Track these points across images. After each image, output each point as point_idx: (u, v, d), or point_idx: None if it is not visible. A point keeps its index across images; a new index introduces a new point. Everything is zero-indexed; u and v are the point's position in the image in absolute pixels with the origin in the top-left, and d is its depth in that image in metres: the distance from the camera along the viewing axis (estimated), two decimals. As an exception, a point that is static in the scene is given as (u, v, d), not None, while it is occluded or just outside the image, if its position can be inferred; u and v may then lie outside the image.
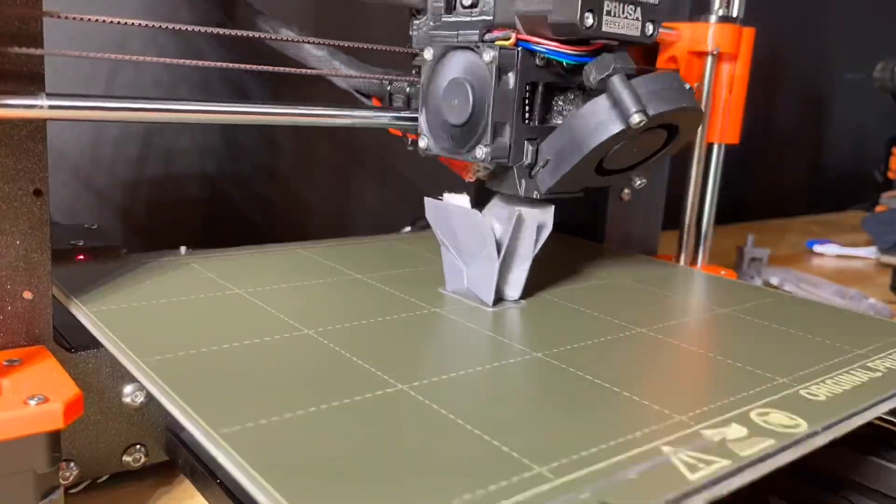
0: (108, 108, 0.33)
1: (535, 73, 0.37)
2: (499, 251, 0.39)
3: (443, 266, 0.42)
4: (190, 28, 0.35)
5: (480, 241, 0.39)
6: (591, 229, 0.60)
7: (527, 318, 0.39)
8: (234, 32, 0.36)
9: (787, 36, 1.16)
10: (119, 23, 0.32)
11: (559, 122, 0.39)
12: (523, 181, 0.38)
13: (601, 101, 0.35)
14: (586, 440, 0.25)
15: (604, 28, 0.35)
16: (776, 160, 1.27)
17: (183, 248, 0.47)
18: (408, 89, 0.44)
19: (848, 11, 1.31)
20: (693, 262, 0.60)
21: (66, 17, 0.32)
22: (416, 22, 0.42)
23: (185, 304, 0.37)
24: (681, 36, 0.55)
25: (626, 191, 0.60)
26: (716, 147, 0.58)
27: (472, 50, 0.37)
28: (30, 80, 0.31)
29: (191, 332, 0.33)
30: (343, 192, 0.78)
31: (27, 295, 0.32)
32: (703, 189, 0.59)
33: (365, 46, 0.41)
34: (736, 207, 1.09)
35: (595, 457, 0.24)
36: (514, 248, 0.40)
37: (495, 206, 0.42)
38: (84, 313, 0.35)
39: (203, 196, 0.69)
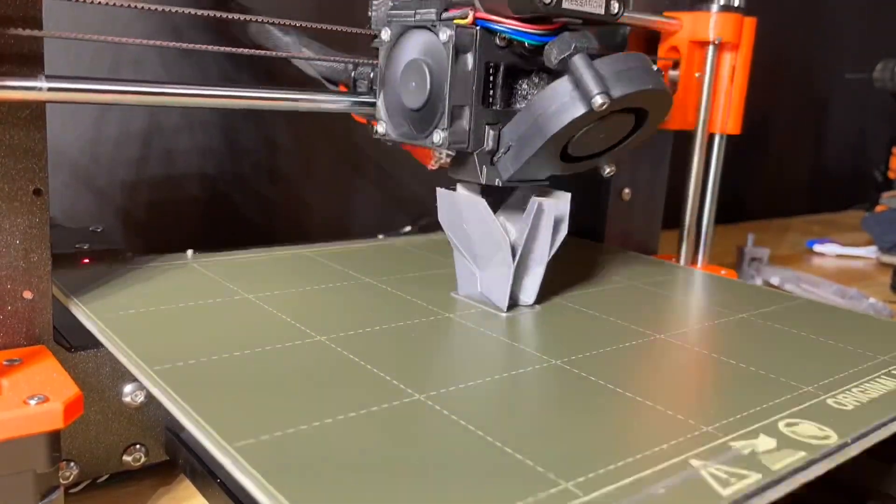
0: (106, 91, 0.33)
1: (496, 54, 0.35)
2: (514, 255, 0.38)
3: (454, 269, 0.41)
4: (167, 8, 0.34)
5: (495, 245, 0.38)
6: (591, 229, 0.60)
7: (542, 323, 0.38)
8: (201, 12, 0.35)
9: (786, 36, 1.16)
10: (115, 4, 0.32)
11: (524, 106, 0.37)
12: (484, 168, 0.36)
13: (563, 83, 0.34)
14: (612, 453, 0.24)
15: (564, 5, 0.33)
16: (776, 160, 1.27)
17: (190, 252, 0.46)
18: (371, 74, 0.42)
19: (848, 11, 1.31)
20: (693, 261, 0.60)
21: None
22: (376, 2, 0.40)
23: (195, 310, 0.36)
24: (682, 25, 0.55)
25: (627, 190, 0.60)
26: (717, 138, 0.57)
27: (430, 29, 0.35)
28: (29, 62, 0.30)
29: (202, 339, 0.32)
30: (343, 192, 0.78)
31: (27, 295, 0.32)
32: (705, 181, 0.58)
33: (325, 28, 0.39)
34: (736, 207, 1.09)
35: (622, 471, 0.23)
36: (530, 251, 0.39)
37: (509, 207, 0.40)
38: (91, 319, 0.34)
39: (203, 196, 0.69)
